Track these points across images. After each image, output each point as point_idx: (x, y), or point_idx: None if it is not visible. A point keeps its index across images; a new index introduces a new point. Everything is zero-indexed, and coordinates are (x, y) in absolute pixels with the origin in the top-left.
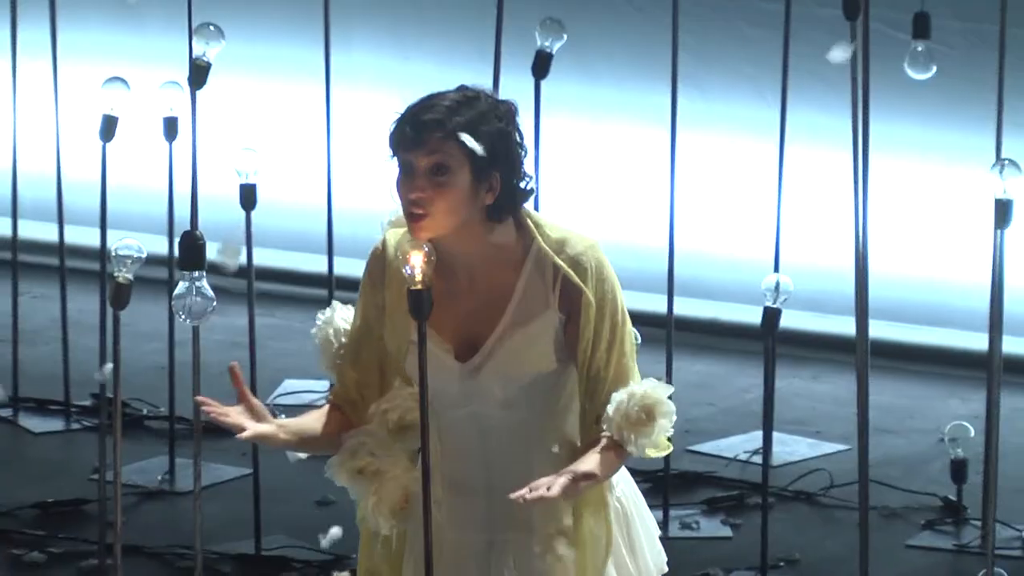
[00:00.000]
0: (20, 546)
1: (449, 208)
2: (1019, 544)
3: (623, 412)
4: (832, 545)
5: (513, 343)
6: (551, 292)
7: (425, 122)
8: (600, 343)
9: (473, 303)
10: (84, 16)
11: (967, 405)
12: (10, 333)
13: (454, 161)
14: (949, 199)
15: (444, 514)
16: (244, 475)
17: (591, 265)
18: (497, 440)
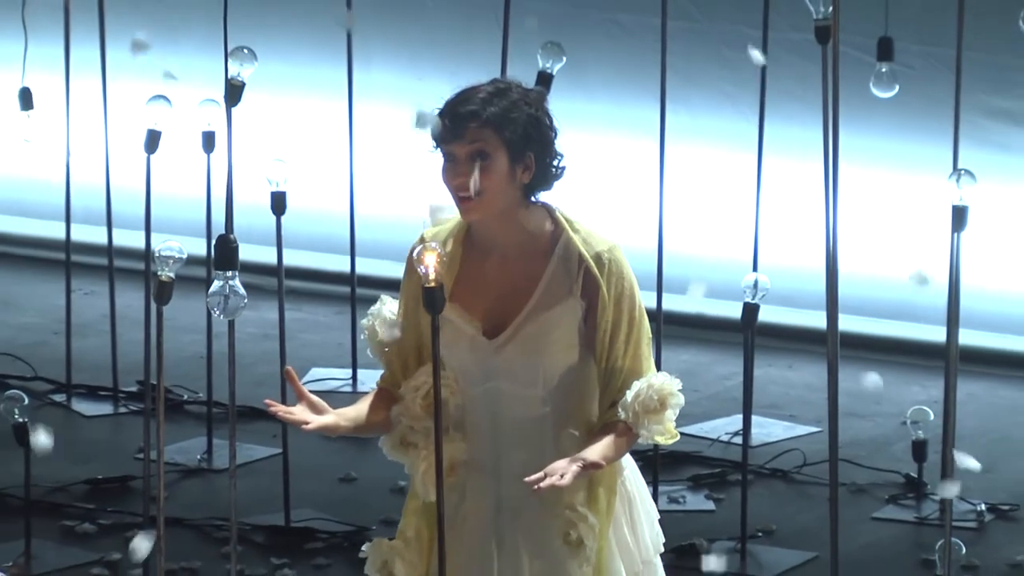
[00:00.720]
0: (72, 518)
1: (494, 189)
2: (974, 517)
3: (641, 399)
4: (805, 517)
5: (537, 325)
6: (575, 281)
7: (462, 114)
8: (619, 335)
9: (503, 286)
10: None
11: (927, 391)
12: (63, 327)
13: (491, 146)
14: (910, 205)
15: (462, 487)
16: (274, 454)
17: (611, 263)
18: (510, 421)
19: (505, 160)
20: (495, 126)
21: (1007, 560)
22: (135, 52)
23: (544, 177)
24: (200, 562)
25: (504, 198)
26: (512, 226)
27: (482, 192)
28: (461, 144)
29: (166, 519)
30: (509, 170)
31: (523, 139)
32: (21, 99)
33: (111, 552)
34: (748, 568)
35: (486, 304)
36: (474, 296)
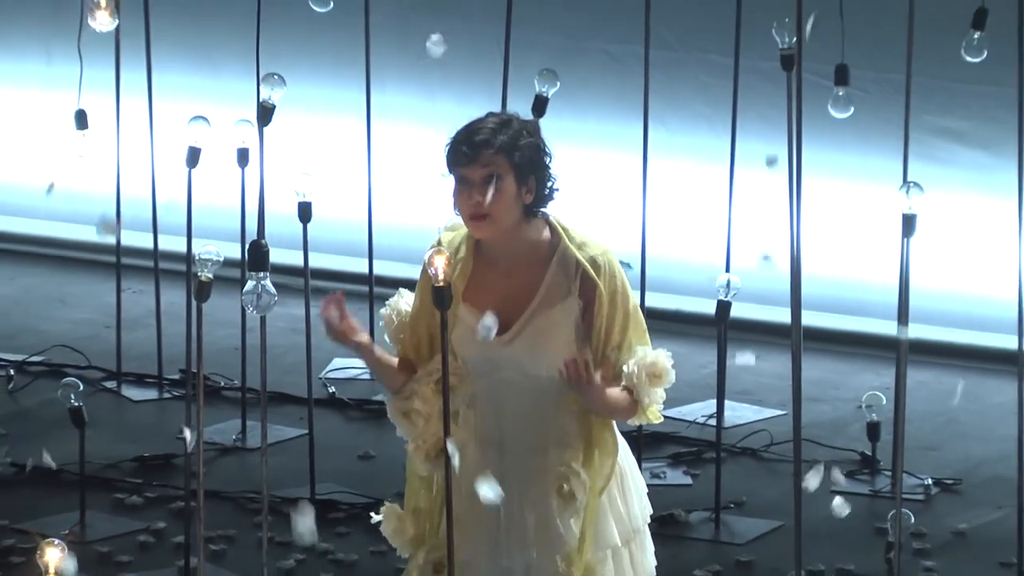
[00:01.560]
0: (122, 491)
1: (503, 209)
2: (922, 490)
3: (645, 365)
4: (772, 491)
5: (539, 322)
6: (573, 283)
7: (477, 143)
8: (614, 328)
9: (509, 289)
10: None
11: (880, 378)
12: (114, 321)
13: (502, 170)
14: (865, 213)
15: (468, 459)
16: (301, 435)
17: (605, 265)
18: (514, 405)
19: (513, 182)
20: (506, 152)
21: (951, 528)
22: (102, 232)
23: (542, 197)
24: (235, 530)
25: (511, 217)
26: (515, 239)
27: (493, 211)
28: (476, 168)
29: (205, 492)
30: (516, 191)
31: (527, 164)
32: (77, 120)
33: (156, 521)
34: (721, 536)
35: (494, 304)
36: (483, 297)
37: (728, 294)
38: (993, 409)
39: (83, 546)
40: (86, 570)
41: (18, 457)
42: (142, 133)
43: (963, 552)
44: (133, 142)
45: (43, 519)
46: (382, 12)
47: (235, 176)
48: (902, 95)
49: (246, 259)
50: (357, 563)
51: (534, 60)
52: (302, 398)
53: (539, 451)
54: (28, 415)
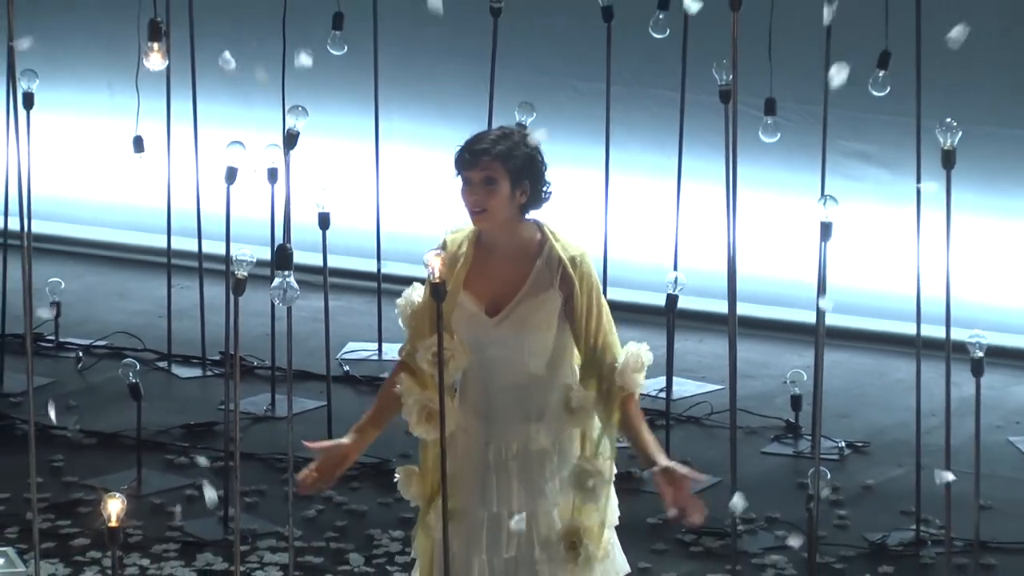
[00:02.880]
0: (171, 453)
1: (498, 206)
2: (836, 451)
3: (630, 363)
4: (712, 452)
5: (526, 307)
6: (555, 277)
7: (477, 150)
8: (591, 319)
9: (502, 279)
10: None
11: (801, 359)
12: (165, 312)
13: (498, 174)
14: (790, 221)
15: (460, 426)
16: (321, 406)
17: (581, 264)
18: (500, 378)
19: (507, 185)
20: (502, 159)
21: (860, 483)
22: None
23: (536, 200)
24: (266, 485)
25: (504, 213)
26: (510, 235)
27: (489, 207)
28: (476, 171)
29: (240, 454)
30: (510, 193)
31: (521, 171)
32: (135, 144)
33: (200, 478)
34: None
35: (489, 292)
36: (480, 285)
37: (676, 288)
38: (895, 384)
39: (139, 499)
40: (142, 518)
41: (86, 425)
42: (188, 154)
43: (870, 503)
44: (181, 162)
45: (106, 476)
46: (388, 54)
47: (266, 191)
48: (820, 123)
49: (274, 260)
50: (367, 512)
51: (515, 94)
52: (321, 375)
53: (521, 421)
54: (94, 390)
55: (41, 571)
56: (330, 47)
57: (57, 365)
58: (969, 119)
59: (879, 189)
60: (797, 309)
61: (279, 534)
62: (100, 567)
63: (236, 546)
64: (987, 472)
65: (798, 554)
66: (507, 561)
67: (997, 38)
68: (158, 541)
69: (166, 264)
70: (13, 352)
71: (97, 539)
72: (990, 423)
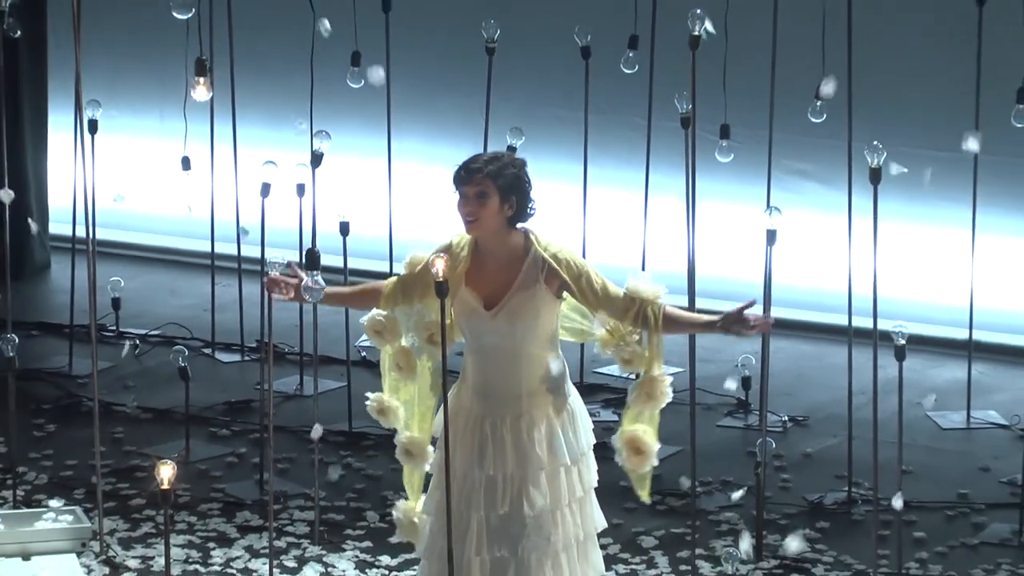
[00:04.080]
0: (215, 426)
1: (488, 216)
2: (780, 425)
3: (635, 284)
4: (675, 424)
5: (517, 301)
6: (540, 275)
7: (472, 169)
8: (587, 281)
9: (496, 279)
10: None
11: (751, 345)
12: (210, 306)
13: (489, 190)
14: (740, 228)
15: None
16: (341, 386)
17: (561, 253)
18: (493, 361)
19: (497, 200)
20: (491, 178)
21: (801, 451)
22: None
23: (522, 213)
24: (295, 454)
25: (493, 223)
26: (501, 242)
27: (480, 217)
28: (470, 187)
29: (273, 427)
30: (499, 206)
31: (509, 188)
32: (183, 163)
33: (239, 447)
34: None
35: (486, 289)
36: (478, 284)
37: None
38: (830, 367)
39: (187, 465)
40: (190, 482)
41: (143, 402)
42: (228, 172)
43: (809, 468)
44: (222, 178)
45: (159, 446)
46: (400, 85)
47: (294, 203)
48: (767, 145)
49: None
50: (381, 477)
51: (507, 120)
52: (342, 360)
53: (512, 396)
54: (149, 372)
55: (103, 527)
56: (349, 81)
57: (118, 351)
58: (894, 141)
59: (817, 201)
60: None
61: (306, 495)
62: (154, 523)
63: (270, 505)
64: (908, 442)
65: (748, 511)
66: (501, 517)
67: (921, 69)
68: (203, 501)
69: (210, 265)
70: (80, 340)
71: (151, 500)
72: (911, 400)
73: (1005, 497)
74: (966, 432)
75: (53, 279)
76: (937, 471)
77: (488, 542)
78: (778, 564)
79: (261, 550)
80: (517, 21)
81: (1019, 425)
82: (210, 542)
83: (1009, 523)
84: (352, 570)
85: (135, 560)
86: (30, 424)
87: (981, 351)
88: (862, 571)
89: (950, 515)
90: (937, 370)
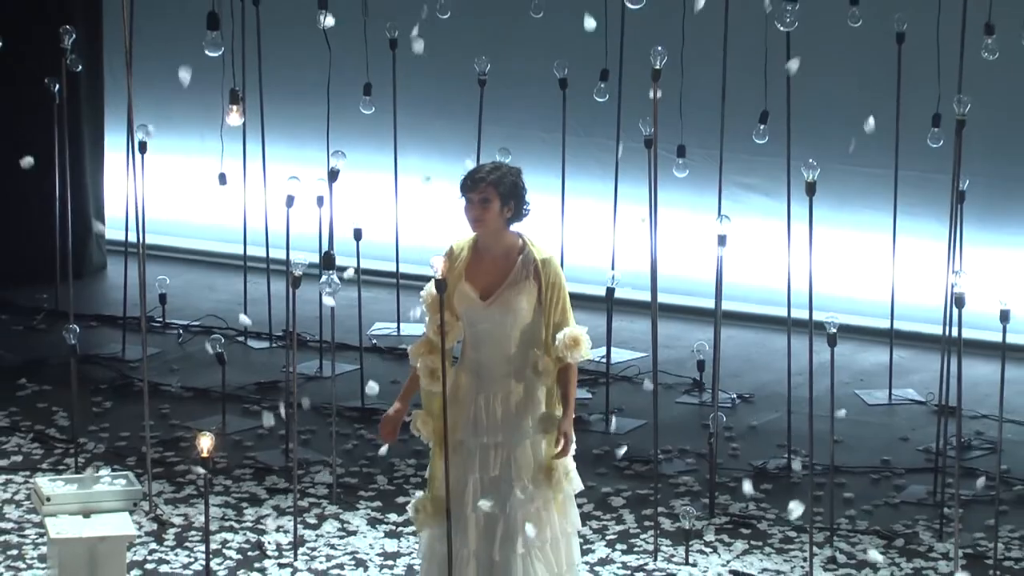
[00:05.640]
0: (247, 403)
1: (491, 218)
2: (729, 401)
3: (564, 340)
4: (640, 401)
5: (508, 295)
6: (530, 272)
7: (477, 178)
8: (554, 310)
9: (492, 273)
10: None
11: (705, 334)
12: (243, 300)
13: (491, 195)
14: (695, 234)
15: (458, 380)
16: (355, 369)
17: (547, 264)
18: (488, 346)
19: (498, 204)
20: (494, 185)
21: (747, 423)
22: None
23: (519, 215)
24: (316, 427)
25: (495, 224)
26: (498, 241)
27: (484, 219)
28: (475, 193)
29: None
30: (500, 209)
31: (508, 194)
32: (220, 179)
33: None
34: (610, 428)
35: (483, 283)
36: (477, 277)
37: (613, 283)
38: (773, 352)
39: (223, 436)
40: (225, 450)
41: (186, 383)
42: (257, 184)
43: (754, 438)
44: (253, 191)
45: (199, 420)
46: (405, 113)
47: (315, 213)
48: (718, 163)
49: (321, 262)
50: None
51: (496, 141)
52: (355, 346)
53: (503, 376)
54: (190, 357)
55: (152, 489)
56: (362, 108)
57: (164, 339)
58: (827, 159)
59: (760, 210)
60: (702, 297)
61: (325, 462)
62: (195, 486)
63: (294, 470)
64: (839, 415)
65: (702, 474)
66: (492, 479)
67: (850, 98)
68: (237, 467)
69: (243, 265)
70: (131, 329)
71: (193, 466)
72: (841, 380)
73: (921, 463)
74: (888, 407)
75: (109, 277)
76: (863, 441)
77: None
78: (728, 520)
79: (287, 508)
80: (505, 58)
81: (933, 401)
82: (243, 502)
83: (925, 485)
84: (364, 525)
85: (179, 517)
86: (89, 402)
87: (901, 338)
88: (800, 526)
89: (875, 478)
90: (863, 355)
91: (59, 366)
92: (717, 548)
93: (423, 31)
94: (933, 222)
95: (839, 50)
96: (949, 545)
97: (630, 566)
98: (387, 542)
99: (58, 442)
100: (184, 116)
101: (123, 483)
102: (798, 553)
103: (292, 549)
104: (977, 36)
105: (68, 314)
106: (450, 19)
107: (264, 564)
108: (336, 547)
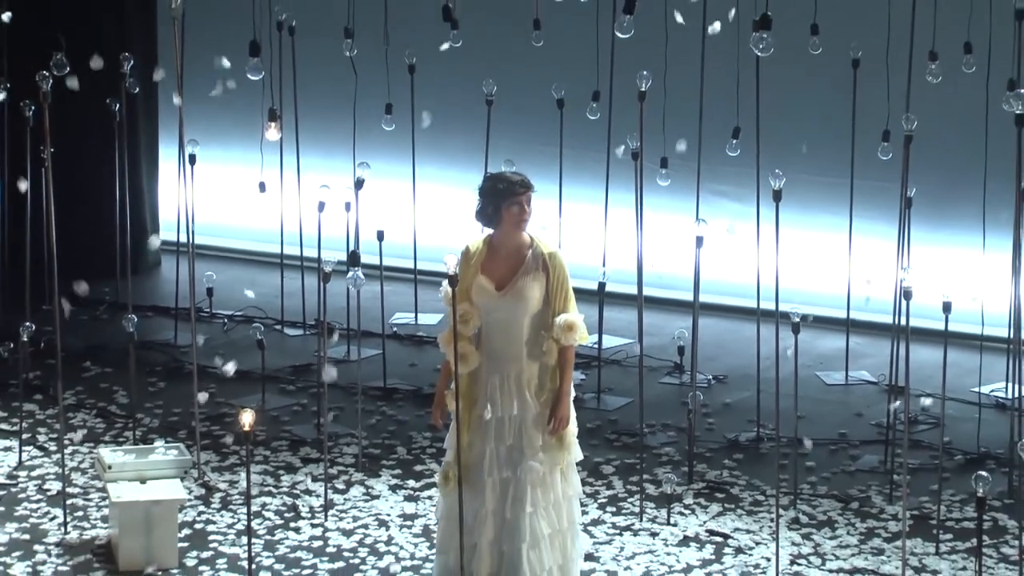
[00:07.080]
0: (283, 383)
1: (530, 216)
2: (706, 382)
3: (560, 324)
4: (627, 382)
5: (520, 286)
6: (539, 265)
7: (527, 183)
8: (559, 299)
9: (506, 266)
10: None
11: (685, 322)
12: (279, 293)
13: (531, 199)
14: (676, 236)
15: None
16: (378, 353)
17: (554, 258)
18: (502, 333)
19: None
20: (532, 189)
21: (721, 401)
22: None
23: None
24: (344, 404)
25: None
26: (512, 238)
27: (528, 216)
28: (527, 194)
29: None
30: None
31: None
32: (259, 187)
33: (302, 399)
34: (601, 405)
35: (498, 275)
36: (492, 270)
37: (604, 277)
38: (744, 339)
39: (262, 412)
40: (265, 424)
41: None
42: (292, 192)
43: (728, 415)
44: (288, 197)
45: (242, 397)
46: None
47: (343, 216)
48: (696, 173)
49: (348, 260)
50: (408, 420)
51: (501, 154)
52: (378, 334)
53: (515, 357)
54: (234, 343)
55: (200, 458)
56: (384, 125)
57: (211, 327)
58: (792, 169)
59: (732, 214)
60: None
61: (352, 435)
62: (239, 456)
63: (324, 442)
64: (802, 394)
65: (682, 446)
66: (508, 448)
67: (812, 115)
68: (275, 439)
69: (279, 263)
70: (182, 319)
71: (236, 438)
72: (804, 363)
73: (874, 436)
74: (845, 387)
75: (163, 273)
76: (823, 416)
77: (498, 466)
78: (705, 486)
79: (318, 475)
80: (510, 80)
81: (884, 382)
82: (280, 470)
83: (877, 455)
84: (387, 491)
85: (224, 483)
86: (145, 382)
87: (856, 327)
88: (769, 492)
89: (833, 449)
90: (823, 341)
91: (119, 351)
92: (695, 510)
93: (438, 56)
94: (884, 225)
95: (801, 74)
96: (898, 507)
97: (619, 526)
98: (406, 505)
99: (118, 417)
100: (228, 132)
101: (175, 453)
102: (766, 514)
103: (323, 511)
104: (922, 62)
105: (127, 305)
106: (461, 46)
107: (299, 524)
108: (362, 509)
